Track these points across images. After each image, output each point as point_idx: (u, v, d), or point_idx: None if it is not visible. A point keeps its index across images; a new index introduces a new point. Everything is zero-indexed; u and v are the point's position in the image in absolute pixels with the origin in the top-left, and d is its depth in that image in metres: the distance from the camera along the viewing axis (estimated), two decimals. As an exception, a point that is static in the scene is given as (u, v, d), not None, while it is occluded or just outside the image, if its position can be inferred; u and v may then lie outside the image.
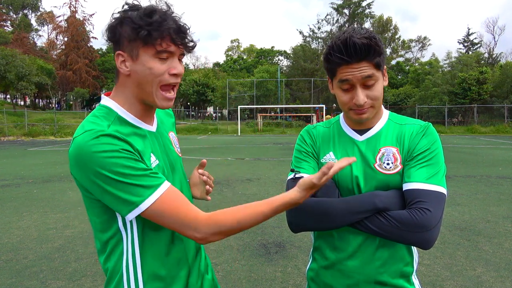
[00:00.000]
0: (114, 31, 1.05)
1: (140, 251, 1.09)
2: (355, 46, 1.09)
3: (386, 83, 1.23)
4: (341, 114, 1.36)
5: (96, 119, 1.05)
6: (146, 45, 1.02)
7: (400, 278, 1.22)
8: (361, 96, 1.15)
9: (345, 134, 1.30)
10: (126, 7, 1.05)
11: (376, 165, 1.21)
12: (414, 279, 1.27)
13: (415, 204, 1.10)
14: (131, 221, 1.08)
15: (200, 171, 1.41)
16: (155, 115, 1.22)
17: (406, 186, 1.15)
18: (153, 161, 1.10)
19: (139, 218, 1.05)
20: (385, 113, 1.30)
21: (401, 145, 1.22)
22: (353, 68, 1.12)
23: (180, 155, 1.30)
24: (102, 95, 1.14)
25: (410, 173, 1.15)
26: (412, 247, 1.25)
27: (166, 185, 1.02)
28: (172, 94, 1.09)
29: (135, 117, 1.12)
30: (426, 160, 1.16)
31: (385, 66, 1.22)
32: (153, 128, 1.18)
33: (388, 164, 1.20)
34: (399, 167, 1.19)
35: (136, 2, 1.06)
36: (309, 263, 1.38)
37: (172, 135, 1.30)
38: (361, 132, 1.27)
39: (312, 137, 1.35)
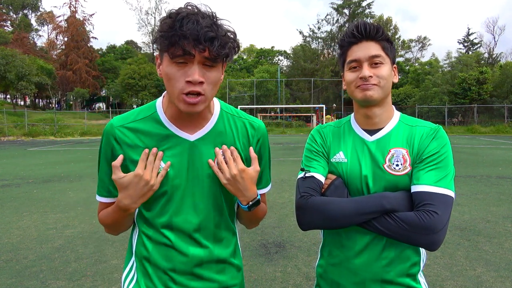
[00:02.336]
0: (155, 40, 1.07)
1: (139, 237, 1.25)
2: (365, 26, 1.20)
3: (396, 79, 1.28)
4: (352, 115, 1.37)
5: (133, 111, 1.20)
6: (164, 51, 1.03)
7: (407, 277, 1.24)
8: (367, 70, 1.19)
9: (355, 134, 1.31)
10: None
11: (385, 166, 1.22)
12: (420, 278, 1.29)
13: (422, 206, 1.12)
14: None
15: None
16: (208, 125, 1.17)
17: (415, 188, 1.16)
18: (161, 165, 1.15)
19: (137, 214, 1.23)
20: (396, 114, 1.31)
21: (410, 147, 1.23)
22: (362, 46, 1.21)
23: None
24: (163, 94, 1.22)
25: (419, 175, 1.17)
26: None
27: (100, 198, 1.21)
28: (193, 99, 1.03)
29: (168, 120, 1.15)
30: (435, 163, 1.18)
31: (395, 65, 1.28)
32: (191, 137, 1.15)
33: (397, 165, 1.21)
34: (408, 169, 1.20)
35: (178, 8, 1.03)
36: (318, 259, 1.40)
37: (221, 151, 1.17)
38: (371, 132, 1.28)
39: (323, 136, 1.37)
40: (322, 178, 1.28)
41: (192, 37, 0.96)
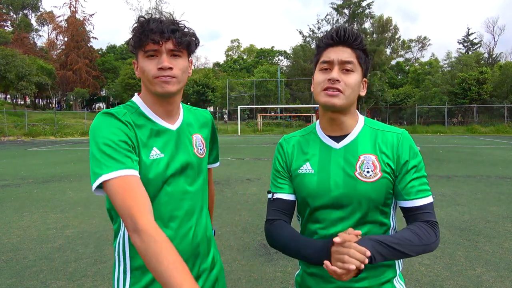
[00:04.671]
0: (129, 44, 1.27)
1: (128, 242, 1.23)
2: (345, 31, 1.20)
3: (363, 93, 1.26)
4: (317, 122, 1.35)
5: (119, 107, 1.26)
6: (138, 49, 1.22)
7: (382, 285, 1.24)
8: (336, 73, 1.18)
9: (321, 142, 1.29)
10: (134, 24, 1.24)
11: (356, 173, 1.20)
12: (396, 283, 1.28)
13: (427, 217, 1.18)
14: None
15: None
16: (181, 117, 1.36)
17: (412, 204, 1.19)
18: (156, 154, 1.23)
19: None
20: (361, 118, 1.30)
21: (380, 153, 1.22)
22: (337, 49, 1.20)
23: (200, 156, 1.37)
24: (135, 94, 1.34)
25: (411, 189, 1.20)
26: None
27: (124, 172, 1.07)
28: (166, 78, 1.20)
29: (154, 114, 1.29)
30: (419, 174, 1.22)
31: (365, 78, 1.27)
32: (173, 126, 1.31)
33: (368, 172, 1.20)
34: (379, 175, 1.20)
35: (142, 16, 1.24)
36: (298, 270, 1.42)
37: (197, 137, 1.39)
38: (337, 139, 1.27)
39: (283, 152, 1.36)
40: (289, 197, 1.31)
41: (158, 31, 1.17)
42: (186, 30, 1.25)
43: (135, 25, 1.22)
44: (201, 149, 1.38)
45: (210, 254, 1.41)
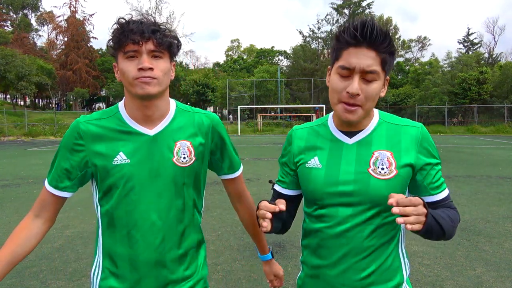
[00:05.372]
0: (109, 46, 1.24)
1: (102, 234, 1.30)
2: (373, 28, 1.03)
3: (383, 93, 1.15)
4: (330, 114, 1.28)
5: (97, 112, 1.29)
6: (118, 51, 1.19)
7: None
8: (357, 85, 1.06)
9: (332, 136, 1.22)
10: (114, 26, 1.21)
11: (370, 170, 1.14)
12: None
13: (449, 204, 1.19)
14: (96, 204, 1.32)
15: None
16: (165, 122, 1.28)
17: (438, 197, 1.18)
18: (121, 159, 1.22)
19: (100, 202, 1.29)
20: (376, 113, 1.22)
21: (396, 149, 1.15)
22: (360, 53, 1.06)
23: (181, 165, 1.27)
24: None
25: (437, 183, 1.19)
26: (405, 255, 1.24)
27: (48, 186, 1.32)
28: (146, 79, 1.16)
29: (131, 118, 1.25)
30: (438, 167, 1.20)
31: (388, 76, 1.15)
32: (151, 132, 1.25)
33: (382, 168, 1.13)
34: (394, 172, 1.13)
35: (121, 18, 1.22)
36: (300, 272, 1.37)
37: (183, 144, 1.28)
38: (350, 134, 1.19)
39: (289, 146, 1.30)
40: (287, 192, 1.32)
41: (138, 31, 1.14)
42: (167, 31, 1.22)
43: (115, 26, 1.20)
44: (184, 158, 1.27)
45: (180, 269, 1.31)
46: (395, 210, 0.91)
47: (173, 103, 1.34)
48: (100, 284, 1.29)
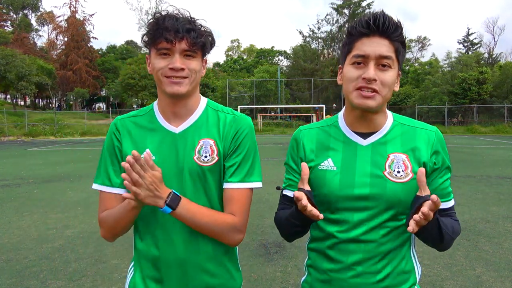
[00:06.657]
0: (143, 39, 1.24)
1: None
2: (385, 18, 1.05)
3: (397, 88, 1.14)
4: (340, 114, 1.24)
5: (137, 110, 1.35)
6: (151, 46, 1.19)
7: None
8: (372, 70, 1.05)
9: (345, 138, 1.18)
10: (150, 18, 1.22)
11: (386, 173, 1.11)
12: None
13: (452, 215, 1.18)
14: None
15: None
16: (192, 119, 1.27)
17: (444, 206, 1.16)
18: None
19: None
20: (389, 114, 1.20)
21: (411, 152, 1.13)
22: (374, 41, 1.06)
23: (202, 164, 1.22)
24: None
25: (445, 190, 1.18)
26: (416, 257, 1.22)
27: (98, 186, 1.27)
28: (176, 80, 1.17)
29: (161, 115, 1.28)
30: (448, 175, 1.19)
31: (400, 71, 1.14)
32: (176, 129, 1.26)
33: (398, 172, 1.11)
34: (410, 175, 1.10)
35: (158, 12, 1.21)
36: (305, 275, 1.32)
37: (206, 143, 1.23)
38: (364, 135, 1.16)
39: (296, 148, 1.25)
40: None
41: (172, 29, 1.13)
42: (202, 29, 1.20)
43: (151, 20, 1.19)
44: (205, 156, 1.22)
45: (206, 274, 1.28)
46: (411, 228, 0.95)
47: (203, 100, 1.31)
48: (130, 282, 1.32)
